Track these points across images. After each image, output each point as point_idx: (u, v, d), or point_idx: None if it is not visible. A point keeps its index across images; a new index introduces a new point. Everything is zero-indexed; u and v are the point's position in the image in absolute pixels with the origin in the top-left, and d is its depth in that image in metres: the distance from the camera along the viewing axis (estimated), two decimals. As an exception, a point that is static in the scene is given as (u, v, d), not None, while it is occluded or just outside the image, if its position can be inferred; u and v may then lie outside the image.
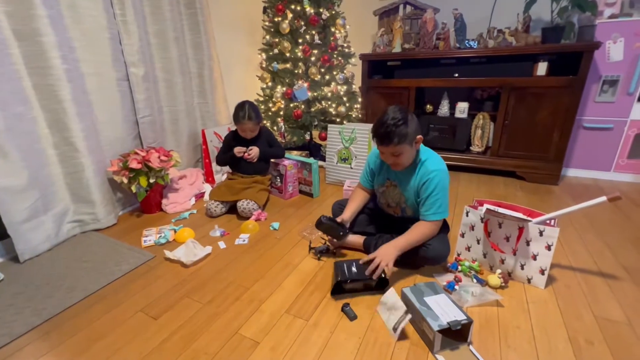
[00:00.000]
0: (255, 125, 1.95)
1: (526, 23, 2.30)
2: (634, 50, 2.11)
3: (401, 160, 1.25)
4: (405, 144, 1.20)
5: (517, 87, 2.26)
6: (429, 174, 1.25)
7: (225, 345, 1.02)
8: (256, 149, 1.99)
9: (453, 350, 0.97)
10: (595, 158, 2.41)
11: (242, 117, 1.91)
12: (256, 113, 1.94)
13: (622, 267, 1.38)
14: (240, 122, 1.92)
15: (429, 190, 1.25)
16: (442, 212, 1.27)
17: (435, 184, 1.24)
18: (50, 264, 1.48)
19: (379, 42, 2.72)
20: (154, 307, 1.20)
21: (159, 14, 2.01)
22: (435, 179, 1.24)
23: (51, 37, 1.48)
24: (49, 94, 1.54)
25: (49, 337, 1.08)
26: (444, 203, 1.27)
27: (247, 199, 1.88)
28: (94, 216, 1.76)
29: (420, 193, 1.28)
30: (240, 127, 1.95)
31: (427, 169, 1.26)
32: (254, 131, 1.98)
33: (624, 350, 0.98)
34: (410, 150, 1.24)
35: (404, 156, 1.24)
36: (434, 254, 1.28)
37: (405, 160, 1.26)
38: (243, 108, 1.92)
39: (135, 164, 1.76)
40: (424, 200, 1.27)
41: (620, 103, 2.23)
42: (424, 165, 1.27)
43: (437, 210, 1.25)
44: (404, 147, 1.20)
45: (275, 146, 2.12)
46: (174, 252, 1.48)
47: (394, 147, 1.20)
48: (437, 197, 1.25)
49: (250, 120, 1.91)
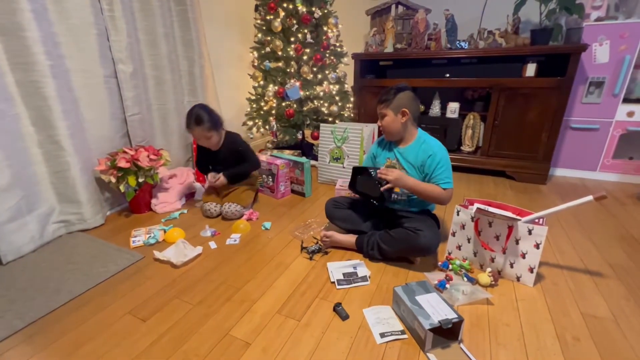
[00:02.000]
0: (208, 131, 1.71)
1: (515, 25, 2.34)
2: (619, 53, 2.16)
3: (385, 122, 1.40)
4: (389, 109, 1.37)
5: (507, 88, 2.29)
6: (432, 149, 1.36)
7: (215, 347, 1.01)
8: (222, 179, 1.82)
9: (444, 349, 0.98)
10: (582, 158, 2.46)
11: (188, 123, 1.68)
12: (209, 117, 1.69)
13: (608, 265, 1.41)
14: (188, 128, 1.70)
15: (435, 162, 1.35)
16: (449, 182, 1.35)
17: (440, 157, 1.35)
18: (35, 265, 1.44)
19: (371, 42, 2.73)
20: (143, 308, 1.18)
21: (148, 9, 1.97)
22: (439, 153, 1.36)
23: (35, 32, 1.44)
24: (33, 91, 1.50)
25: (32, 341, 1.05)
26: (449, 175, 1.36)
27: (230, 202, 1.84)
28: (81, 216, 1.72)
29: (426, 168, 1.37)
30: (193, 133, 1.72)
31: (430, 145, 1.38)
32: (209, 139, 1.74)
33: (609, 346, 1.00)
34: (395, 119, 1.38)
35: (386, 120, 1.40)
36: (425, 241, 1.29)
37: (388, 124, 1.40)
38: (191, 113, 1.68)
39: (124, 163, 1.73)
40: (433, 172, 1.35)
41: (605, 104, 2.28)
42: (426, 142, 1.40)
43: (446, 179, 1.34)
44: (387, 111, 1.38)
45: (246, 160, 1.89)
46: (163, 253, 1.46)
47: (382, 108, 1.40)
48: (444, 169, 1.35)
49: (199, 126, 1.67)
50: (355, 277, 1.31)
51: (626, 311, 1.14)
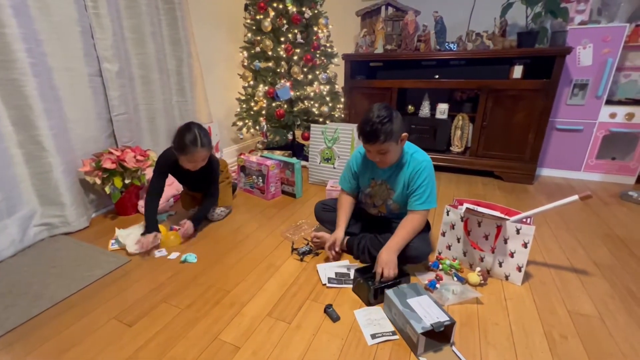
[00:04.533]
0: (208, 153, 1.53)
1: (503, 27, 2.38)
2: (602, 56, 2.22)
3: (387, 159, 1.26)
4: (391, 142, 1.20)
5: (495, 90, 2.32)
6: (419, 164, 1.28)
7: (204, 352, 0.99)
8: (189, 225, 1.58)
9: (436, 352, 0.98)
10: (567, 158, 2.52)
11: (192, 142, 1.43)
12: (208, 138, 1.51)
13: (593, 263, 1.44)
14: (189, 151, 1.44)
15: (420, 180, 1.27)
16: (431, 202, 1.29)
17: (427, 174, 1.28)
18: (15, 270, 1.38)
19: (362, 43, 2.73)
20: (129, 313, 1.14)
21: (135, 7, 1.92)
22: (426, 169, 1.28)
23: (15, 28, 1.39)
24: (12, 89, 1.44)
25: (12, 348, 1.01)
26: (433, 192, 1.30)
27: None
28: (64, 219, 1.66)
29: (411, 184, 1.29)
30: (190, 157, 1.46)
31: (417, 160, 1.29)
32: (204, 161, 1.54)
33: (595, 344, 1.02)
34: (397, 147, 1.25)
35: (390, 154, 1.24)
36: (416, 252, 1.29)
37: (391, 158, 1.27)
38: (191, 131, 1.45)
39: (109, 164, 1.68)
40: (415, 190, 1.28)
41: (589, 106, 2.34)
42: (413, 157, 1.30)
43: (427, 199, 1.28)
44: (390, 144, 1.21)
45: (211, 189, 1.72)
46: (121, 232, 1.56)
47: (381, 145, 1.20)
48: (427, 187, 1.28)
49: (204, 148, 1.47)
50: (347, 278, 1.31)
51: (611, 308, 1.17)
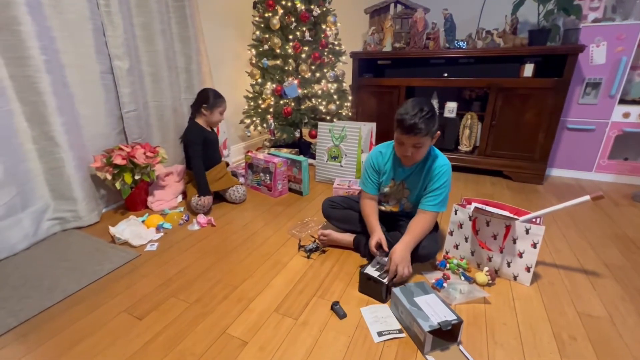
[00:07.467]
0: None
1: (513, 25, 2.34)
2: (616, 54, 2.17)
3: (419, 154, 1.24)
4: (428, 137, 1.20)
5: (504, 88, 2.29)
6: (441, 167, 1.28)
7: (212, 346, 1.00)
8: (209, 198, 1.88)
9: (443, 351, 0.97)
10: (578, 158, 2.48)
11: (219, 94, 1.96)
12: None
13: (604, 264, 1.42)
14: (221, 100, 1.97)
15: (440, 182, 1.28)
16: (443, 205, 1.30)
17: (447, 178, 1.28)
18: (28, 263, 1.42)
19: (370, 41, 2.72)
20: (138, 307, 1.16)
21: (145, 5, 1.94)
22: (447, 172, 1.29)
23: (29, 26, 1.42)
24: (27, 86, 1.47)
25: (26, 339, 1.03)
26: (447, 197, 1.31)
27: (226, 188, 1.99)
28: (76, 214, 1.70)
29: (430, 184, 1.29)
30: (222, 106, 1.99)
31: (440, 162, 1.29)
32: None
33: (605, 345, 1.00)
34: (429, 144, 1.25)
35: (422, 149, 1.23)
36: (425, 251, 1.30)
37: (422, 153, 1.25)
38: (210, 89, 1.98)
39: (120, 160, 1.71)
40: (432, 191, 1.28)
41: (602, 105, 2.30)
42: (435, 160, 1.30)
43: (440, 202, 1.28)
44: (427, 139, 1.20)
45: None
46: (116, 228, 1.57)
47: (420, 138, 1.18)
48: (444, 190, 1.28)
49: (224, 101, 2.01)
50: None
51: (622, 310, 1.15)
